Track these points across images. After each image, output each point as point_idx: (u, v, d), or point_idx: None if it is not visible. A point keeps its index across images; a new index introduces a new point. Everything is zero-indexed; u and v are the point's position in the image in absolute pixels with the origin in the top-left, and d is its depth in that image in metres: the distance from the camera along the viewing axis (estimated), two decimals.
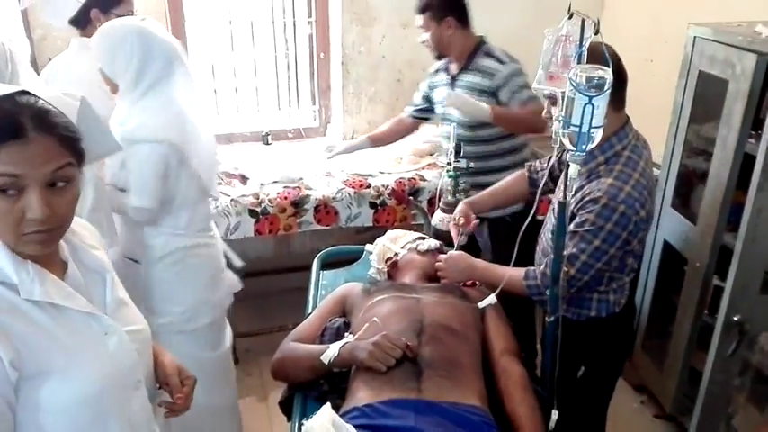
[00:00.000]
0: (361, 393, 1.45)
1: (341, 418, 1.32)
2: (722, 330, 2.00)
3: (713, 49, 2.23)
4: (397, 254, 2.07)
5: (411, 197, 2.97)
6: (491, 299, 1.79)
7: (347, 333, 1.68)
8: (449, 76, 2.64)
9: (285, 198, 2.81)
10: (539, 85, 1.47)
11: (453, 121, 2.52)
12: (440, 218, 2.25)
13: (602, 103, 1.27)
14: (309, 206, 2.83)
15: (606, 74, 1.26)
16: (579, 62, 1.33)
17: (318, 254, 2.32)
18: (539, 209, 1.78)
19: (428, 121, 2.91)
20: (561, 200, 1.50)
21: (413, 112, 2.85)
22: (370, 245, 2.24)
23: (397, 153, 3.22)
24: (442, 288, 1.85)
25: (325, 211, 2.86)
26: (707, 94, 2.33)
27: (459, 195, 2.23)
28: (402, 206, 2.97)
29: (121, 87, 1.90)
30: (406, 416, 1.36)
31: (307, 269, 2.29)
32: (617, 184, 1.63)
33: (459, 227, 2.03)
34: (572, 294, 1.75)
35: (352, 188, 2.91)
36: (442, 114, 2.70)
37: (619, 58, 1.61)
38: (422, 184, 2.98)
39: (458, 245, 2.01)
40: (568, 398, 1.57)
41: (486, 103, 2.45)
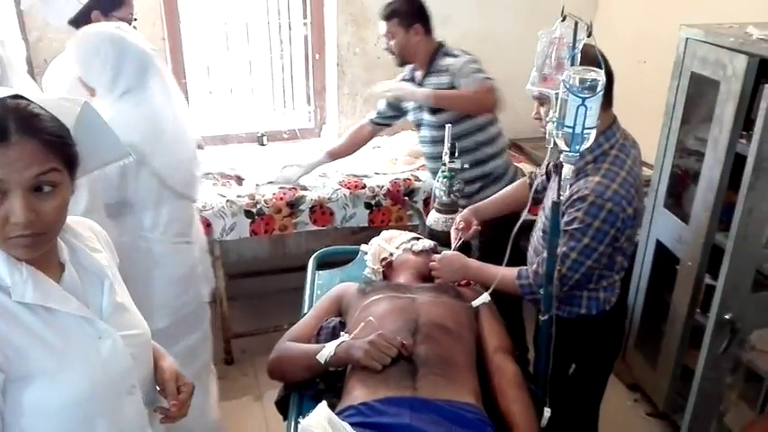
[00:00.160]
0: (357, 392, 1.46)
1: (337, 416, 1.33)
2: (714, 329, 2.01)
3: (705, 50, 2.25)
4: (392, 254, 2.08)
5: (406, 197, 2.99)
6: (484, 297, 1.80)
7: (343, 332, 1.68)
8: (416, 83, 2.68)
9: (281, 199, 2.82)
10: (531, 87, 1.49)
11: (424, 125, 2.64)
12: (435, 218, 2.27)
13: (594, 104, 1.28)
14: (305, 207, 2.84)
15: (599, 75, 1.27)
16: (573, 64, 1.35)
17: (314, 254, 2.33)
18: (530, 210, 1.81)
19: (389, 126, 2.94)
20: (554, 199, 1.52)
21: (376, 118, 2.87)
22: (365, 245, 2.24)
23: (392, 154, 3.24)
24: (437, 288, 1.86)
25: (320, 211, 2.87)
26: (699, 95, 2.35)
27: (454, 195, 2.24)
28: (397, 206, 2.99)
29: (98, 92, 1.96)
30: (402, 413, 1.37)
31: (302, 270, 2.30)
32: (604, 182, 1.66)
33: (459, 231, 2.05)
34: (564, 293, 1.77)
35: (348, 189, 2.92)
36: (415, 120, 2.75)
37: (605, 58, 1.62)
38: (417, 184, 2.99)
39: (454, 248, 2.03)
40: (560, 395, 1.59)
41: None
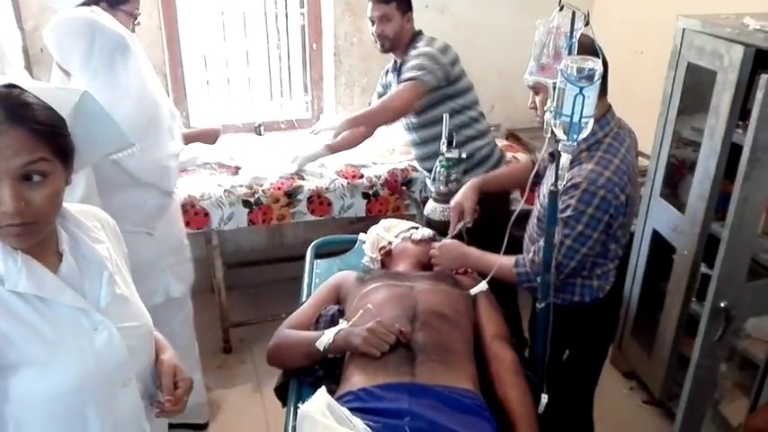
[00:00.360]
0: (356, 378, 1.47)
1: (336, 401, 1.35)
2: (709, 317, 2.03)
3: (702, 40, 2.25)
4: (390, 243, 2.09)
5: (404, 187, 2.99)
6: (482, 285, 1.81)
7: (342, 320, 1.69)
8: (396, 71, 2.72)
9: (278, 188, 2.82)
10: (529, 76, 1.49)
11: (414, 128, 2.70)
12: (432, 207, 2.28)
13: (592, 93, 1.29)
14: (303, 197, 2.84)
15: (596, 65, 1.28)
16: (570, 53, 1.35)
17: (312, 243, 2.34)
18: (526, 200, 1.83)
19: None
20: (552, 188, 1.53)
21: None
22: (363, 234, 2.26)
23: (389, 144, 3.24)
24: (435, 276, 1.87)
25: (318, 201, 2.87)
26: (695, 86, 2.36)
27: (452, 185, 2.25)
28: (395, 196, 2.99)
29: (72, 74, 1.98)
30: (400, 399, 1.38)
31: (299, 259, 2.31)
32: (597, 170, 1.67)
33: (459, 214, 2.04)
34: (561, 281, 1.78)
35: (345, 179, 2.92)
36: (405, 124, 2.78)
37: (599, 47, 1.63)
38: (414, 174, 3.00)
39: (451, 234, 2.04)
40: (554, 382, 1.61)
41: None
